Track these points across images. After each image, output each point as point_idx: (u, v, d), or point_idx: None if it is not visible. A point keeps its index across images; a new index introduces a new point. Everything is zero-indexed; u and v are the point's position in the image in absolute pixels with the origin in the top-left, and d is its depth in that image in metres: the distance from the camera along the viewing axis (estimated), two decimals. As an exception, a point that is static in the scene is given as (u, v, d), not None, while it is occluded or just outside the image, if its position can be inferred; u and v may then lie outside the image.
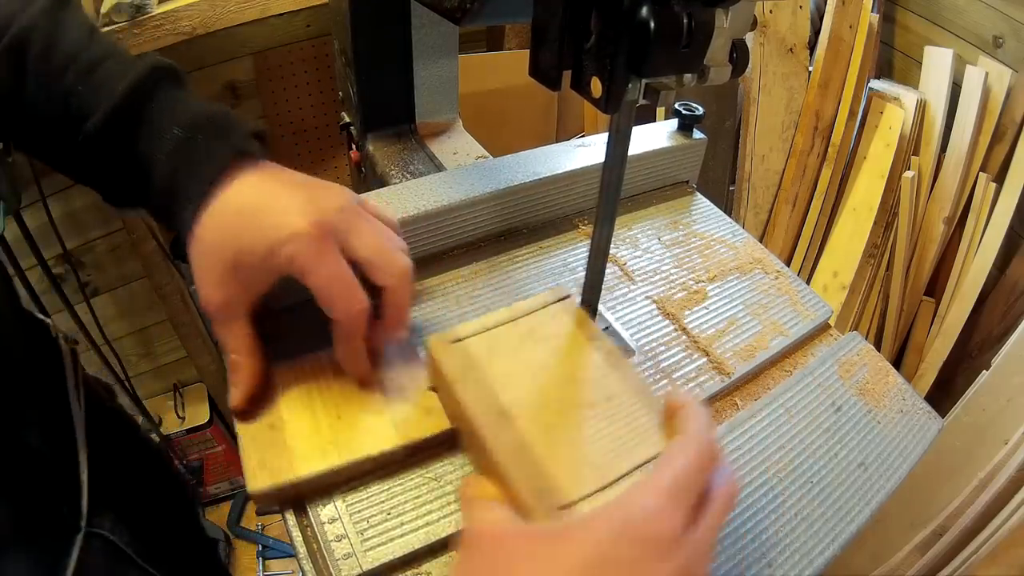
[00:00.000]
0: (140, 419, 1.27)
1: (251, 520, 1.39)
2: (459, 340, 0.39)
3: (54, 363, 0.54)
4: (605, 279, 0.46)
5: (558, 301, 0.42)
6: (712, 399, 0.46)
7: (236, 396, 0.39)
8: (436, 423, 0.38)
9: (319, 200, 0.38)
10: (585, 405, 0.36)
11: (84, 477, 0.49)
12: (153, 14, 0.86)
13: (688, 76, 0.31)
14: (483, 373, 0.37)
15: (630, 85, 0.30)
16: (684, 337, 0.50)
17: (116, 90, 0.39)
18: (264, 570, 1.32)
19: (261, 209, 0.37)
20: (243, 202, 0.37)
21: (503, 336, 0.39)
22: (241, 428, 0.37)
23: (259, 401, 0.39)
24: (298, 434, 0.37)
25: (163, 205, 0.40)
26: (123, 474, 0.60)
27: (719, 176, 1.43)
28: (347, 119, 0.78)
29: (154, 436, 1.32)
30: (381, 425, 0.38)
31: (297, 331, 0.42)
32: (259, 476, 0.35)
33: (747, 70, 0.32)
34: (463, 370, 0.37)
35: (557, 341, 0.40)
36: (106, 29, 0.84)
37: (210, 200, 0.37)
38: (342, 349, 0.39)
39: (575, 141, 0.61)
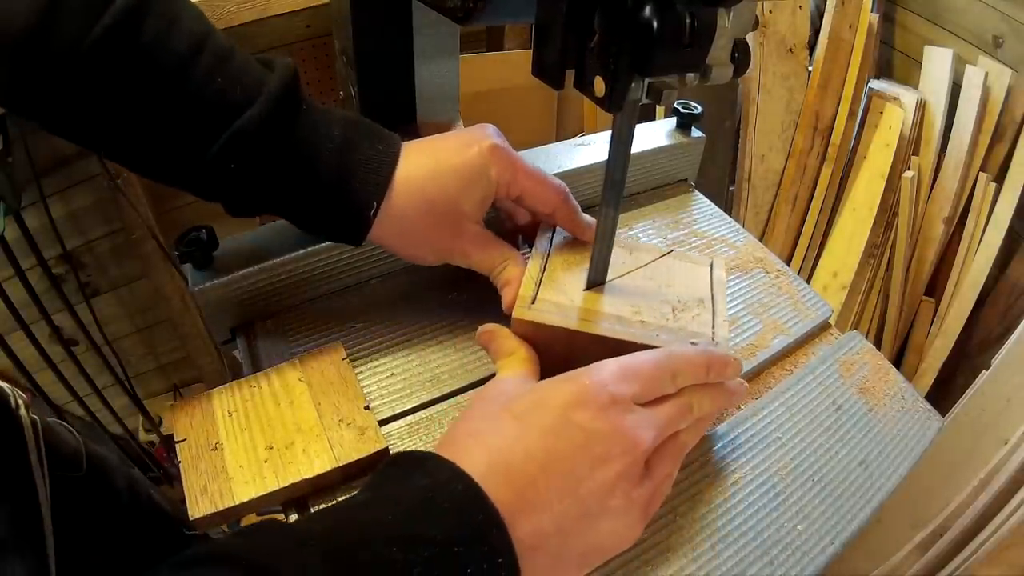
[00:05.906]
0: (141, 419, 1.27)
1: (251, 521, 1.39)
2: (535, 299, 0.40)
3: (16, 442, 0.51)
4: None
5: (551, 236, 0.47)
6: (713, 398, 0.46)
7: (512, 295, 0.42)
8: (371, 444, 0.38)
9: (479, 132, 0.43)
10: (647, 279, 0.44)
11: (51, 563, 0.48)
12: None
13: (691, 76, 0.31)
14: (576, 307, 0.40)
15: (633, 84, 0.30)
16: (685, 336, 0.50)
17: (270, 82, 0.38)
18: (264, 570, 1.32)
19: (445, 159, 0.41)
20: (424, 171, 0.41)
21: (555, 276, 0.43)
22: (183, 454, 0.37)
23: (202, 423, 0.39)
24: (236, 458, 0.37)
25: (331, 197, 0.40)
26: (95, 544, 0.58)
27: (719, 176, 1.43)
28: (348, 119, 0.78)
29: (153, 437, 1.32)
30: (317, 447, 0.37)
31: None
32: (201, 503, 0.35)
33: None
34: (562, 315, 0.40)
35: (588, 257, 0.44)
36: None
37: (389, 189, 0.40)
38: (580, 225, 0.45)
39: (575, 140, 0.61)
